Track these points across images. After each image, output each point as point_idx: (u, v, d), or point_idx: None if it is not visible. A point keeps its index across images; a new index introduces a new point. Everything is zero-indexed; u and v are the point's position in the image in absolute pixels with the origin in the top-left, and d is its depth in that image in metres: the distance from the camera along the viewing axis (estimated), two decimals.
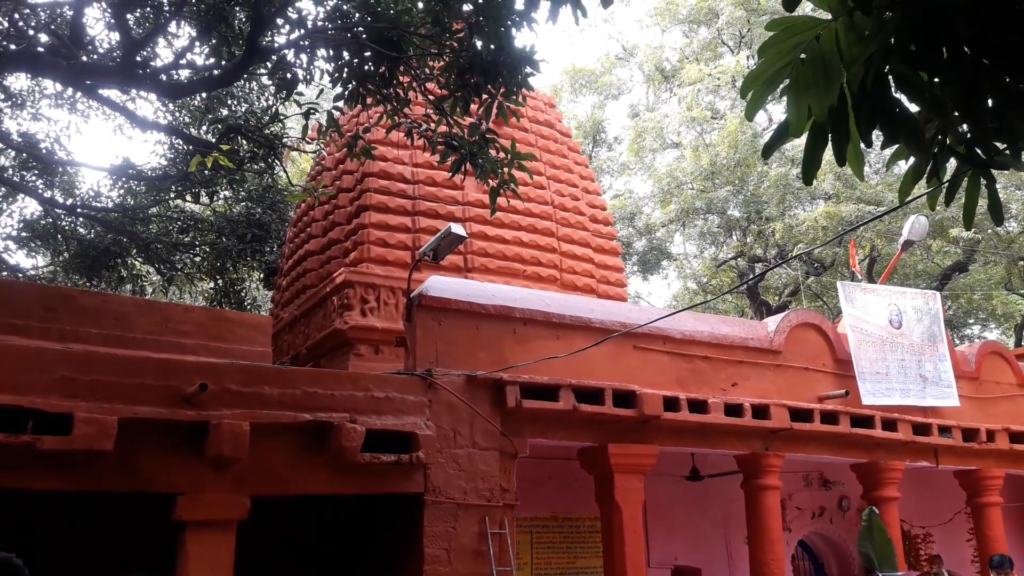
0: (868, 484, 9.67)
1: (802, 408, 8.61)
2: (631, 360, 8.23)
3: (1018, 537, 12.54)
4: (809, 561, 12.23)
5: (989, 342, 11.47)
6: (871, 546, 9.34)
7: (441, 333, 7.33)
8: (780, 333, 9.16)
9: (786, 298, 21.47)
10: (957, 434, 9.77)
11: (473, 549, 6.79)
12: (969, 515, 11.05)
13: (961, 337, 23.80)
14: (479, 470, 7.02)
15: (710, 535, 10.60)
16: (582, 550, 9.67)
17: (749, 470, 8.74)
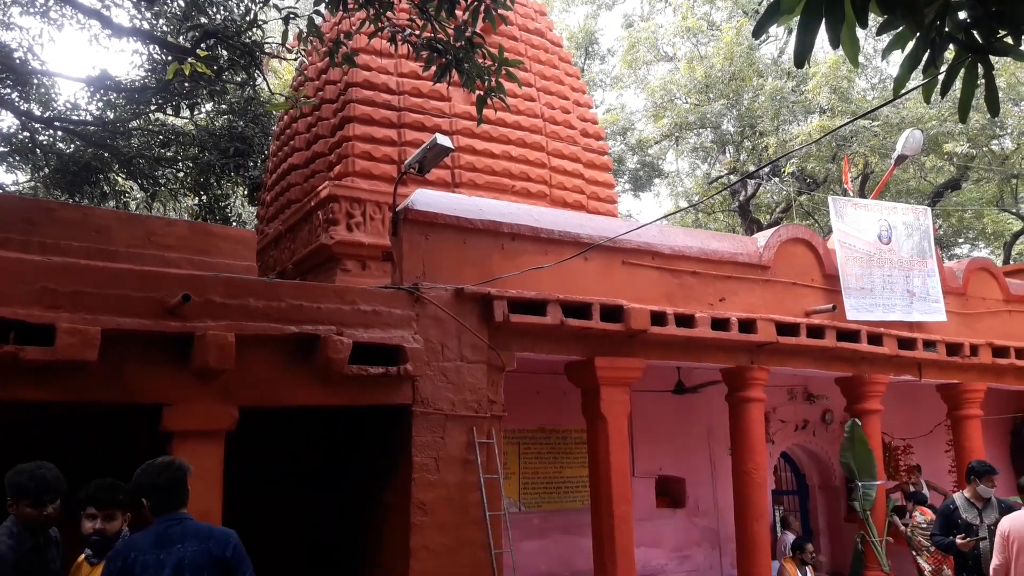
0: (852, 397, 9.81)
1: (788, 322, 8.65)
2: (619, 276, 8.20)
3: (994, 449, 12.85)
4: (791, 472, 12.55)
5: (977, 258, 11.50)
6: (852, 457, 9.58)
7: (428, 248, 7.26)
8: (769, 248, 9.13)
9: (778, 215, 21.40)
10: (941, 348, 9.87)
11: (461, 458, 6.89)
12: (949, 427, 11.28)
13: (951, 256, 23.88)
14: (467, 383, 7.06)
15: (694, 447, 10.81)
16: (568, 461, 9.86)
17: (734, 383, 8.83)
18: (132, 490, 3.55)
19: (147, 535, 3.45)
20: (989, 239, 24.06)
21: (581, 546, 9.04)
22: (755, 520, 8.55)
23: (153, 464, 3.59)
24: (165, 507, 3.50)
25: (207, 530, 3.51)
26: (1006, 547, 5.51)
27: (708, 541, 10.72)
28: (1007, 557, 5.49)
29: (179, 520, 3.49)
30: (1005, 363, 10.42)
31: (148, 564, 3.34)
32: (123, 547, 3.42)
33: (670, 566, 10.38)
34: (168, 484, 3.52)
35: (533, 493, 9.60)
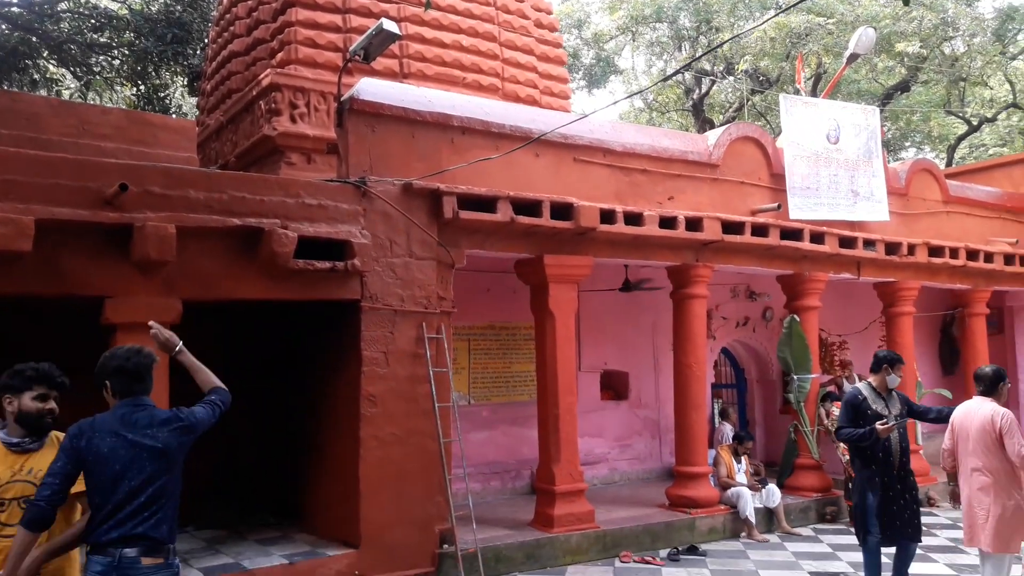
0: (792, 294, 10.08)
1: (734, 221, 8.76)
2: (571, 173, 8.16)
3: (924, 345, 13.47)
4: (731, 367, 13.02)
5: (920, 159, 11.69)
6: (789, 352, 9.94)
7: (375, 140, 7.10)
8: (719, 147, 9.14)
9: (731, 114, 21.35)
10: (880, 247, 10.14)
11: (411, 352, 6.97)
12: (883, 324, 11.74)
13: (898, 158, 24.24)
14: (416, 278, 7.07)
15: (639, 342, 11.10)
16: (517, 356, 10.06)
17: (679, 280, 8.99)
18: (98, 373, 3.52)
19: (111, 416, 3.44)
20: (935, 142, 24.44)
21: (527, 436, 9.35)
22: (693, 411, 8.89)
23: (121, 349, 3.58)
24: (130, 391, 3.49)
25: (173, 413, 3.53)
26: (952, 434, 5.96)
27: (649, 431, 11.17)
28: (953, 442, 5.95)
29: (144, 406, 3.49)
30: (939, 262, 10.78)
31: (116, 447, 3.35)
32: (86, 425, 3.40)
33: (612, 454, 10.82)
34: (136, 369, 3.51)
35: (482, 387, 9.82)
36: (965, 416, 5.87)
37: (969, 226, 11.76)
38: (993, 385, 5.88)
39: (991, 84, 21.84)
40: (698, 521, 8.48)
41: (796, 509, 9.34)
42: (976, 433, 5.71)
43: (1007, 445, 5.55)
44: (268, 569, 6.24)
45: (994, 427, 5.60)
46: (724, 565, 7.49)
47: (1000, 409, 5.69)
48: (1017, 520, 5.60)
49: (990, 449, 5.62)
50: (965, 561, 7.51)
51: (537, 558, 7.41)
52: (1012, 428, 5.59)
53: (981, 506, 5.67)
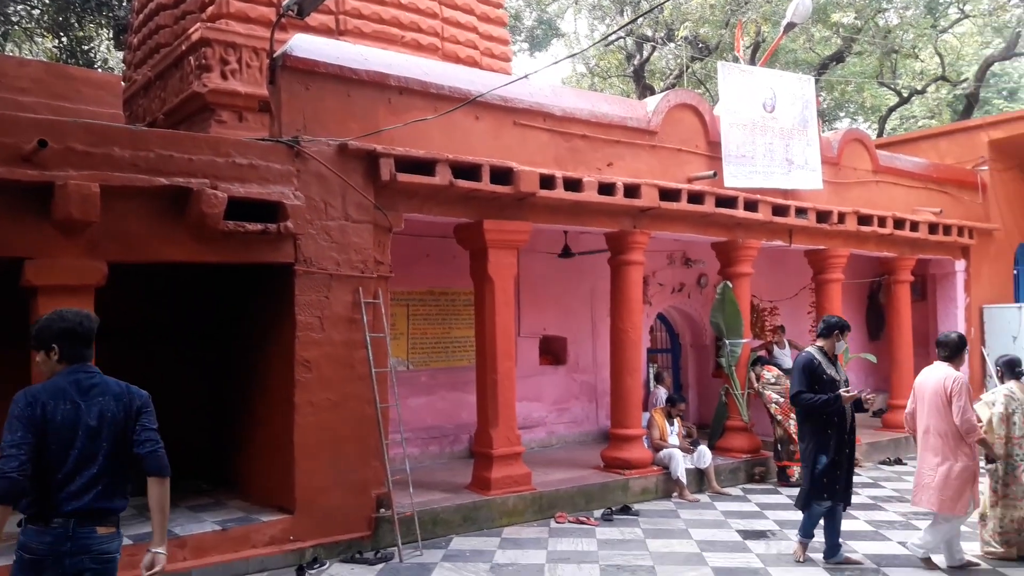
0: (725, 261, 10.26)
1: (671, 188, 8.84)
2: (511, 137, 8.10)
3: (852, 311, 13.90)
4: (666, 332, 13.25)
5: (852, 129, 11.96)
6: (722, 317, 10.15)
7: (309, 99, 6.91)
8: (658, 113, 9.18)
9: (671, 81, 21.45)
10: (812, 215, 10.38)
11: (346, 317, 6.88)
12: (813, 290, 12.06)
13: (832, 128, 24.76)
14: (352, 242, 6.96)
15: (577, 308, 11.19)
16: (456, 322, 10.03)
17: (617, 246, 9.06)
18: (40, 335, 3.36)
19: (63, 382, 3.30)
20: (868, 113, 25.03)
21: (466, 401, 9.38)
22: (629, 375, 9.03)
23: (68, 312, 3.43)
24: (78, 356, 3.37)
25: (124, 387, 3.43)
26: (912, 397, 6.25)
27: (586, 395, 11.32)
28: (914, 406, 6.24)
29: (94, 373, 3.39)
30: (868, 231, 11.10)
31: (70, 414, 3.24)
32: (37, 392, 3.26)
33: (550, 418, 10.95)
34: (87, 334, 3.39)
35: (421, 352, 9.78)
36: (923, 379, 6.15)
37: (897, 196, 12.12)
38: (956, 352, 6.13)
39: (922, 57, 22.40)
40: (631, 482, 8.66)
41: (726, 470, 9.61)
42: (930, 396, 5.97)
43: (953, 407, 5.80)
44: (200, 536, 6.15)
45: (945, 390, 5.86)
46: (655, 524, 7.68)
47: (953, 373, 5.96)
48: (962, 482, 5.86)
49: (941, 411, 5.88)
50: (883, 518, 7.85)
51: (474, 520, 7.48)
52: (961, 392, 5.84)
53: (930, 466, 5.94)
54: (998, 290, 13.74)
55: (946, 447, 5.88)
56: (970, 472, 5.88)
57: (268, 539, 6.41)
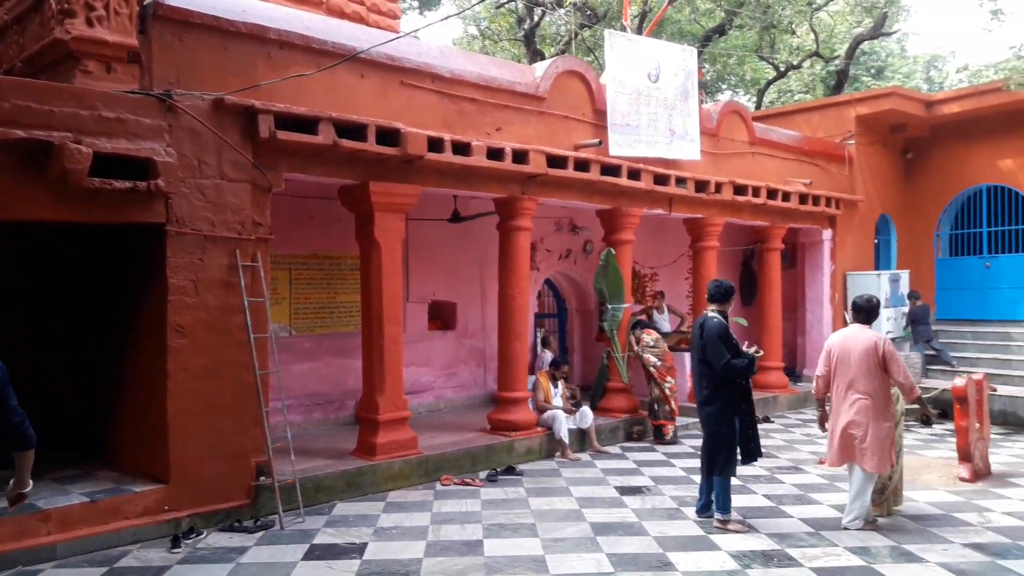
0: (609, 228, 10.49)
1: (558, 155, 8.93)
2: (398, 97, 7.95)
3: (726, 277, 14.49)
4: (553, 297, 13.47)
5: (731, 102, 12.37)
6: (605, 283, 10.40)
7: (182, 51, 6.56)
8: (546, 79, 9.21)
9: (561, 47, 21.54)
10: (691, 185, 10.73)
11: (223, 281, 6.64)
12: (690, 257, 12.51)
13: (715, 100, 25.57)
14: (228, 202, 6.69)
15: (467, 274, 11.21)
16: (342, 287, 9.86)
17: (505, 212, 9.10)
18: None
19: None
20: (748, 85, 25.97)
21: (352, 367, 9.27)
22: (516, 339, 9.14)
23: None
24: None
25: None
26: (829, 359, 6.42)
27: (475, 359, 11.40)
28: (829, 368, 6.41)
29: None
30: (743, 200, 11.57)
31: None
32: None
33: (438, 382, 10.98)
34: None
35: (305, 318, 9.57)
36: (845, 342, 6.32)
37: (771, 167, 12.68)
38: (872, 314, 6.42)
39: (798, 33, 23.36)
40: (516, 443, 8.82)
41: (607, 429, 9.93)
42: (858, 358, 6.15)
43: (891, 370, 6.08)
44: (66, 508, 5.86)
45: (877, 352, 6.11)
46: (538, 483, 7.87)
47: (881, 336, 6.26)
48: (890, 441, 6.18)
49: (872, 373, 6.11)
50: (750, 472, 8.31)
51: (358, 485, 7.44)
52: (895, 354, 6.15)
53: (859, 428, 6.15)
54: (861, 258, 14.66)
55: (875, 407, 6.09)
56: (892, 432, 6.22)
57: (141, 510, 6.18)
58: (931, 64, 31.88)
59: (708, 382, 6.33)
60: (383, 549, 5.87)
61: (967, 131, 14.59)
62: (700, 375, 6.40)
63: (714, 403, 6.32)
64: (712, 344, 6.22)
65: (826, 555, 5.61)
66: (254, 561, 5.64)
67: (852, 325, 6.43)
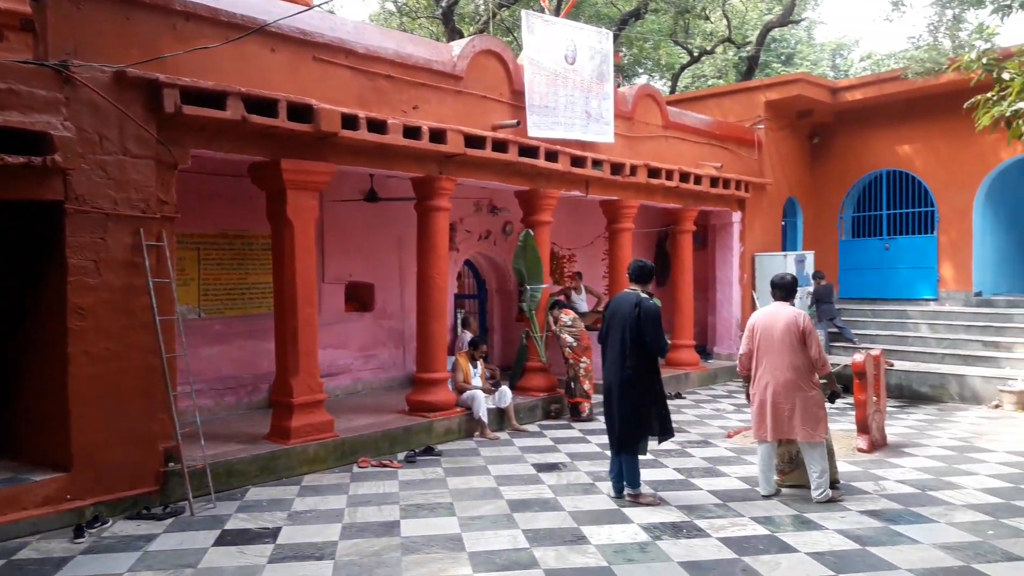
0: (528, 209, 10.55)
1: (476, 135, 8.90)
2: (310, 73, 7.77)
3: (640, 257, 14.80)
4: (473, 278, 13.48)
5: (645, 85, 12.56)
6: (524, 264, 10.47)
7: (81, 20, 6.24)
8: (463, 58, 9.16)
9: (480, 27, 21.43)
10: (607, 168, 10.87)
11: (126, 261, 6.39)
12: (607, 238, 12.70)
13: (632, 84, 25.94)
14: (131, 179, 6.42)
15: (385, 254, 11.09)
16: (254, 267, 9.62)
17: (423, 192, 9.03)
18: None
19: None
20: (663, 70, 26.43)
21: (265, 349, 9.07)
22: (435, 320, 9.12)
23: None
24: None
25: None
26: (752, 337, 6.58)
27: (393, 341, 11.32)
28: (752, 345, 6.58)
29: None
30: (657, 183, 11.81)
31: None
32: None
33: (356, 365, 10.86)
34: None
35: (215, 299, 9.31)
36: (768, 319, 6.51)
37: (684, 150, 12.97)
38: (791, 292, 6.64)
39: (712, 19, 23.88)
40: (435, 424, 8.82)
41: (525, 408, 10.03)
42: (781, 333, 6.36)
43: (809, 345, 6.30)
44: None
45: (798, 327, 6.33)
46: (457, 463, 7.89)
47: (801, 312, 6.46)
48: (818, 408, 6.40)
49: (794, 347, 6.33)
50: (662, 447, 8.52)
51: (272, 470, 7.31)
52: (814, 330, 6.39)
53: (787, 401, 6.36)
54: (768, 239, 15.18)
55: (800, 380, 6.32)
56: (820, 398, 6.44)
57: (41, 499, 5.92)
58: (837, 52, 33.13)
59: (637, 361, 6.31)
60: (297, 533, 5.80)
61: (869, 117, 15.24)
62: (626, 354, 6.32)
63: (641, 382, 6.34)
64: (653, 324, 6.27)
65: (732, 525, 5.83)
66: (162, 548, 5.49)
67: (773, 303, 6.66)
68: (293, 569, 5.09)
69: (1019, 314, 13.06)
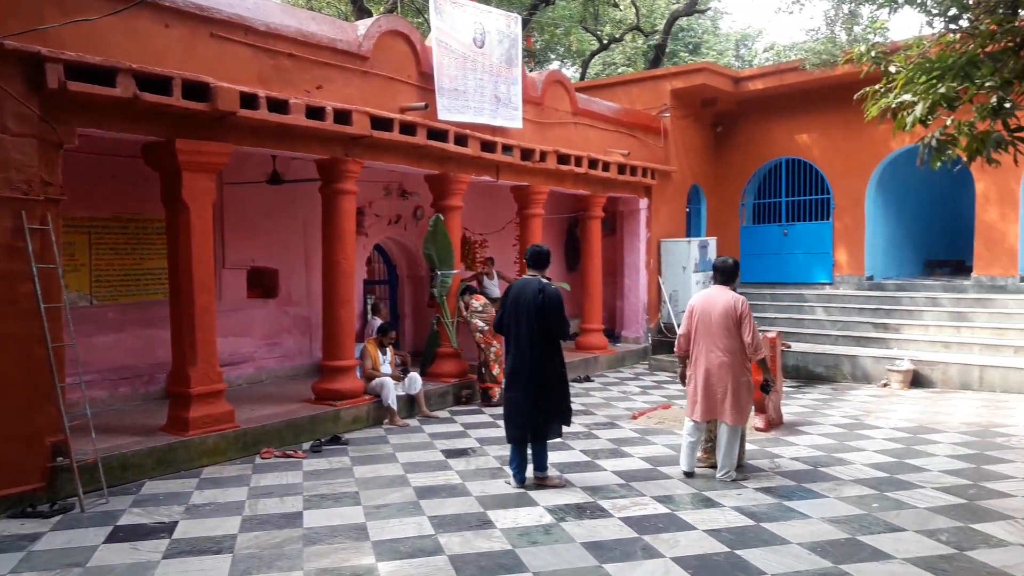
0: (438, 194, 10.46)
1: (383, 117, 8.74)
2: (207, 50, 7.46)
3: (552, 244, 14.96)
4: (383, 263, 13.30)
5: (554, 71, 12.61)
6: (434, 249, 10.39)
7: None
8: (369, 38, 8.97)
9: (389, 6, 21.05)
10: (517, 153, 10.88)
11: (7, 246, 6.02)
12: (518, 224, 12.74)
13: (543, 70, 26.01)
14: (12, 159, 6.04)
15: (290, 238, 10.82)
16: (150, 252, 9.23)
17: (328, 175, 8.83)
18: None
19: None
20: (574, 56, 26.62)
21: (162, 338, 8.72)
22: (342, 307, 8.95)
23: None
24: None
25: None
26: (690, 319, 6.63)
27: (299, 328, 11.07)
28: (690, 327, 6.63)
29: None
30: (566, 169, 11.90)
31: None
32: None
33: (260, 353, 10.57)
34: None
35: (107, 286, 8.88)
36: (706, 302, 6.58)
37: (592, 137, 13.10)
38: (732, 276, 6.69)
39: (621, 6, 24.16)
40: (343, 412, 8.68)
41: (436, 394, 9.99)
42: (719, 317, 6.44)
43: (743, 328, 6.39)
44: None
45: (735, 311, 6.41)
46: (364, 452, 7.79)
47: (740, 296, 6.54)
48: (748, 394, 6.52)
49: (731, 331, 6.42)
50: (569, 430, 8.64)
51: (170, 462, 7.05)
52: (749, 314, 6.47)
53: (720, 383, 6.45)
54: (674, 226, 15.53)
55: (735, 364, 6.42)
56: (750, 386, 6.57)
57: None
58: (742, 43, 34.09)
59: (545, 348, 6.32)
60: (195, 527, 5.61)
61: (770, 107, 15.74)
62: (535, 341, 6.29)
63: (552, 367, 6.36)
64: (559, 310, 6.27)
65: (634, 505, 5.96)
66: (48, 548, 5.22)
67: (713, 286, 6.76)
68: (189, 564, 4.92)
69: (906, 297, 13.79)
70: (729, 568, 4.70)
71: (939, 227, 17.14)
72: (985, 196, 13.46)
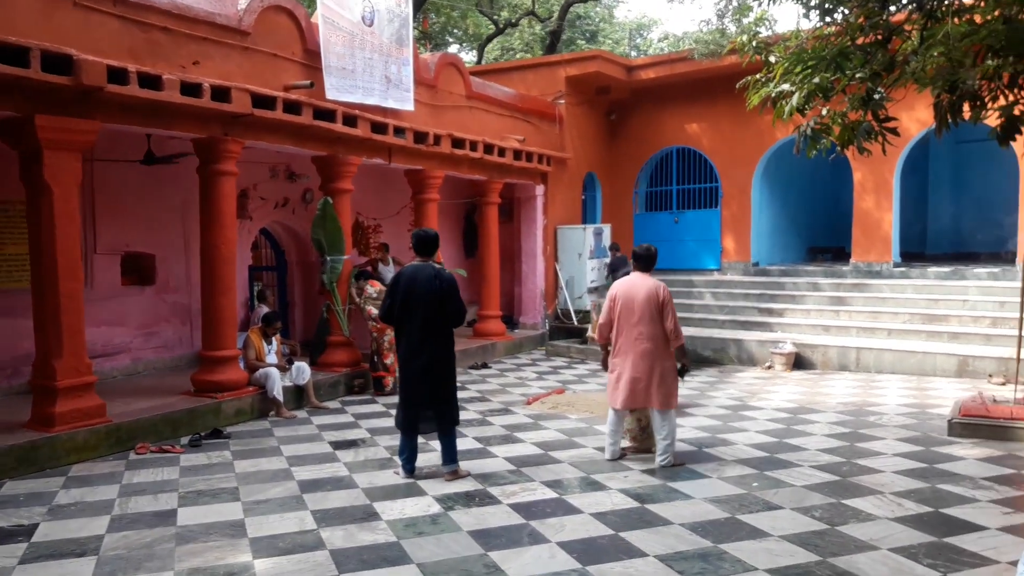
0: (326, 176, 10.14)
1: (266, 95, 8.37)
2: (71, 20, 6.96)
3: (449, 230, 14.82)
4: (271, 248, 12.84)
5: (447, 54, 12.44)
6: (323, 234, 10.08)
7: None
8: (250, 13, 8.57)
9: None
10: (410, 136, 10.66)
11: None
12: (413, 209, 12.53)
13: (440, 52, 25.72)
14: None
15: (166, 222, 10.27)
16: (12, 236, 8.57)
17: (206, 155, 8.39)
18: None
19: None
20: (471, 39, 26.44)
21: (26, 328, 8.09)
22: (222, 294, 8.55)
23: None
24: None
25: None
26: (612, 307, 6.55)
27: (179, 316, 10.55)
28: (612, 316, 6.55)
29: None
30: (461, 154, 11.77)
31: None
32: None
33: (136, 343, 10.02)
34: None
35: None
36: (629, 289, 6.50)
37: (488, 122, 13.01)
38: (651, 263, 6.64)
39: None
40: (224, 405, 8.32)
41: (326, 384, 9.72)
42: (642, 304, 6.39)
43: (664, 314, 6.37)
44: None
45: (658, 298, 6.37)
46: (247, 445, 7.49)
47: (661, 283, 6.49)
48: (673, 378, 6.49)
49: (654, 318, 6.38)
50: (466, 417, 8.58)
51: (33, 461, 6.57)
52: (671, 301, 6.45)
53: (644, 372, 6.40)
54: (570, 212, 15.65)
55: (657, 350, 6.40)
56: (675, 369, 6.56)
57: None
58: (637, 32, 34.70)
59: (439, 335, 6.17)
60: (58, 528, 5.23)
61: (662, 96, 16.05)
62: (436, 329, 6.13)
63: (450, 355, 6.26)
64: (456, 296, 6.14)
65: (523, 491, 5.93)
66: None
67: (634, 273, 6.72)
68: (49, 569, 4.58)
69: (790, 282, 14.37)
70: (613, 551, 4.73)
71: (821, 215, 17.94)
72: (862, 185, 14.14)
